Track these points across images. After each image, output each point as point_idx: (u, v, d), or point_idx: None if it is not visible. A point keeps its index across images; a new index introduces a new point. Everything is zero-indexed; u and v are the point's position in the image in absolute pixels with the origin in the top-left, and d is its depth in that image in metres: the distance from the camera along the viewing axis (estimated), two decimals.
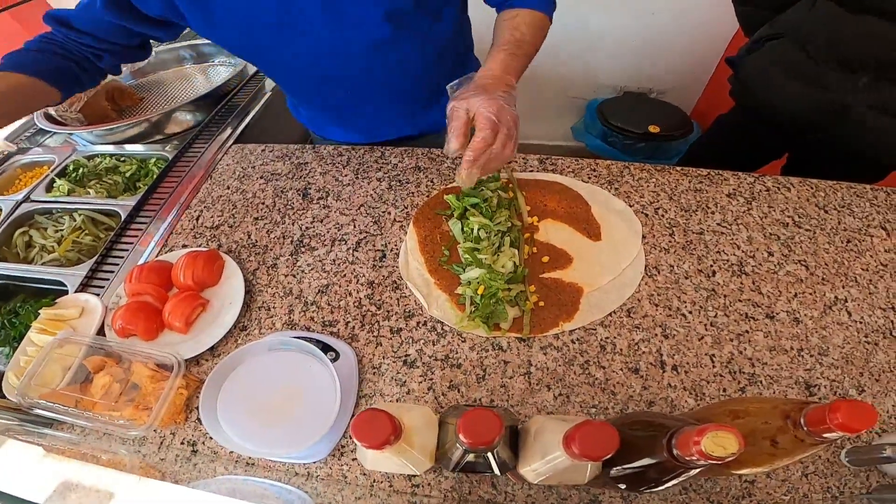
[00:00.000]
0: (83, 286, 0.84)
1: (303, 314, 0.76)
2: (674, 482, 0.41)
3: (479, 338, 0.72)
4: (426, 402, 0.66)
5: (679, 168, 0.95)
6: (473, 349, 0.71)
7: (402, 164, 0.99)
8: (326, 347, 0.69)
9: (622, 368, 0.68)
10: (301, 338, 0.68)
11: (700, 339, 0.70)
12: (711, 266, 0.79)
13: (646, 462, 0.41)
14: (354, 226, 0.89)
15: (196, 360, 0.72)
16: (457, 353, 0.71)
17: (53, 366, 0.66)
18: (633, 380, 0.67)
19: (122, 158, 1.16)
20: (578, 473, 0.45)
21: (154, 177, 1.07)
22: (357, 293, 0.78)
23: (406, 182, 0.96)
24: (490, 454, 0.43)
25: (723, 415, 0.48)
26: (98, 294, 0.81)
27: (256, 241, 0.88)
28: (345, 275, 0.81)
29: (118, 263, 0.88)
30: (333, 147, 1.05)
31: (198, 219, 0.93)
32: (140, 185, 1.11)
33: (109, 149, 1.18)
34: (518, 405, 0.65)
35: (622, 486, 0.47)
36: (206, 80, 1.47)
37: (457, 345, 0.71)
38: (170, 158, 1.10)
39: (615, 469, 0.44)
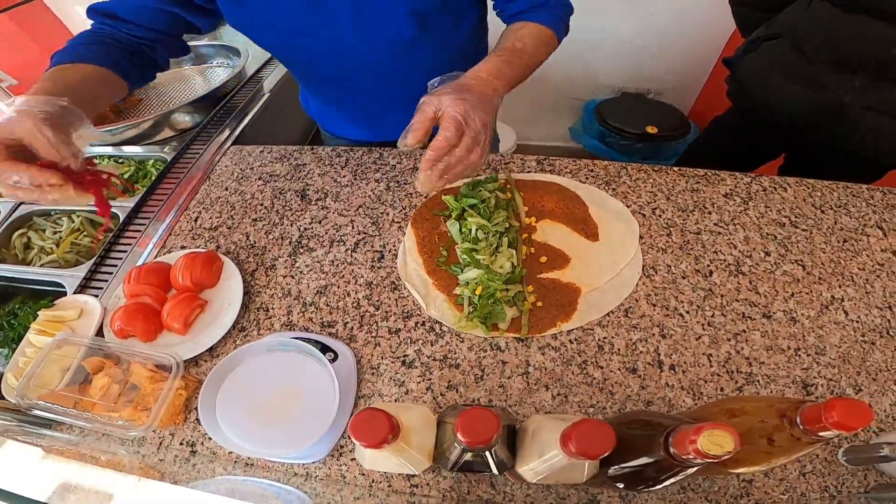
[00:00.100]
0: (82, 287, 0.84)
1: (301, 315, 0.76)
2: (671, 481, 0.41)
3: (478, 338, 0.72)
4: (425, 403, 0.66)
5: (676, 168, 0.95)
6: (472, 349, 0.71)
7: (401, 165, 1.00)
8: (325, 348, 0.69)
9: (620, 368, 0.68)
10: (300, 338, 0.69)
11: (697, 339, 0.71)
12: (708, 266, 0.79)
13: (643, 461, 0.41)
14: (353, 227, 0.89)
15: (195, 361, 0.72)
16: (455, 354, 0.71)
17: (52, 367, 0.66)
18: (631, 379, 0.67)
19: (121, 160, 1.16)
20: (576, 472, 0.45)
21: (152, 178, 1.07)
22: (355, 294, 0.79)
23: (404, 183, 0.96)
24: (488, 453, 0.43)
25: (719, 414, 0.48)
26: (97, 295, 0.82)
27: (255, 243, 0.88)
28: (343, 276, 0.81)
29: (117, 265, 0.88)
30: (332, 148, 1.06)
31: (196, 220, 0.93)
32: (138, 187, 1.11)
33: (108, 150, 1.18)
34: (516, 405, 0.66)
35: (620, 486, 0.47)
36: (205, 82, 1.47)
37: (455, 345, 0.72)
38: (168, 160, 1.10)
39: (613, 468, 0.45)
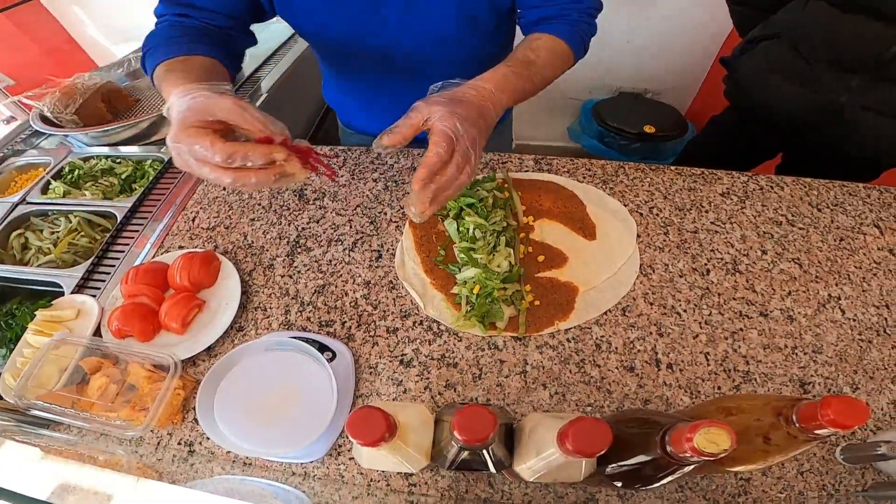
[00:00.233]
0: (79, 288, 0.84)
1: (299, 314, 0.76)
2: (669, 479, 0.42)
3: (475, 337, 0.72)
4: (423, 402, 0.66)
5: (673, 167, 0.96)
6: (469, 348, 0.71)
7: (399, 165, 1.00)
8: (323, 347, 0.69)
9: (618, 367, 0.68)
10: (298, 338, 0.68)
11: (695, 338, 0.71)
12: (706, 265, 0.79)
13: (640, 459, 0.41)
14: (351, 226, 0.89)
15: (193, 361, 0.72)
16: (453, 353, 0.71)
17: (50, 367, 0.66)
18: (629, 378, 0.67)
19: (118, 160, 1.16)
20: (573, 470, 0.45)
21: (150, 178, 1.07)
22: (353, 293, 0.79)
23: (402, 182, 0.96)
24: (485, 451, 0.43)
25: (716, 412, 0.48)
26: (94, 295, 0.81)
27: (253, 242, 0.88)
28: (341, 275, 0.81)
29: (114, 265, 0.88)
30: (329, 148, 1.06)
31: (194, 220, 0.93)
32: (136, 187, 1.10)
33: (105, 150, 1.17)
34: (514, 404, 0.66)
35: (618, 484, 0.47)
36: None
37: (453, 344, 0.72)
38: (166, 160, 1.10)
39: (611, 467, 0.45)
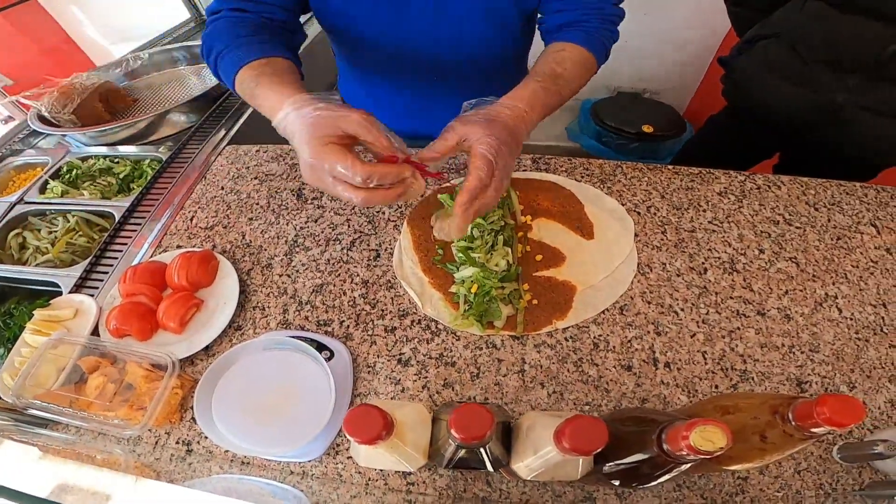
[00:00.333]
0: (77, 287, 0.84)
1: (297, 314, 0.76)
2: (666, 477, 0.42)
3: (473, 336, 0.72)
4: (421, 401, 0.66)
5: (671, 167, 0.96)
6: (467, 347, 0.71)
7: None
8: (321, 346, 0.69)
9: (615, 366, 0.68)
10: (296, 337, 0.68)
11: (692, 337, 0.71)
12: (703, 264, 0.80)
13: (637, 457, 0.41)
14: (349, 225, 0.89)
15: (191, 360, 0.72)
16: (451, 352, 0.71)
17: (48, 366, 0.66)
18: (626, 377, 0.67)
19: (116, 160, 1.16)
20: (571, 469, 0.45)
21: (148, 178, 1.07)
22: (351, 292, 0.79)
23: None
24: (483, 450, 0.43)
25: (713, 411, 0.48)
26: (92, 295, 0.81)
27: (251, 242, 0.88)
28: (339, 274, 0.81)
29: (112, 264, 0.88)
30: None
31: (192, 219, 0.93)
32: (134, 187, 1.11)
33: (103, 150, 1.17)
34: (512, 403, 0.66)
35: (615, 483, 0.47)
36: (200, 82, 1.47)
37: (451, 343, 0.72)
38: (164, 160, 1.10)
39: (608, 465, 0.45)
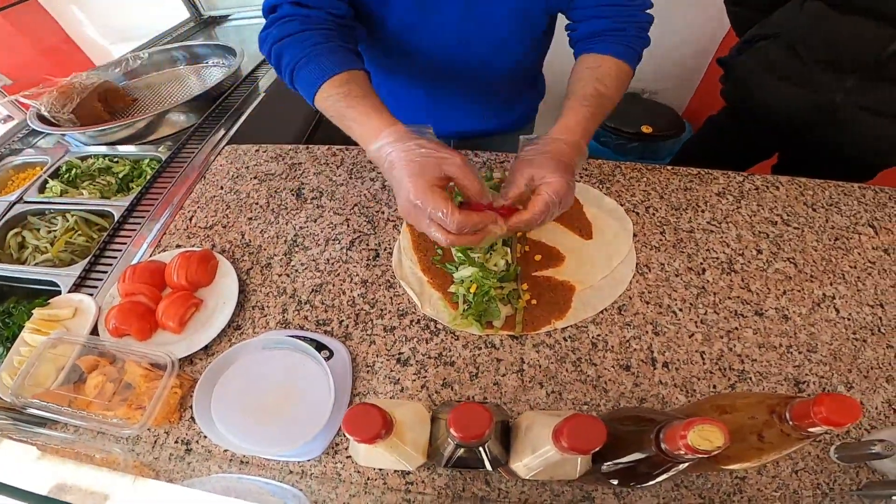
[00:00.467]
0: (76, 286, 0.84)
1: (297, 313, 0.77)
2: (664, 477, 0.42)
3: (472, 336, 0.72)
4: (420, 400, 0.66)
5: (669, 167, 0.96)
6: (466, 347, 0.71)
7: None
8: (320, 346, 0.69)
9: (614, 365, 0.69)
10: (295, 336, 0.69)
11: (690, 337, 0.71)
12: (701, 264, 0.80)
13: (635, 457, 0.41)
14: (348, 225, 0.89)
15: (190, 360, 0.72)
16: (450, 351, 0.71)
17: (47, 366, 0.66)
18: (625, 377, 0.68)
19: (115, 159, 1.16)
20: (569, 468, 0.45)
21: (147, 177, 1.07)
22: (351, 292, 0.79)
23: None
24: (481, 449, 0.43)
25: (710, 410, 0.48)
26: (91, 294, 0.81)
27: (250, 241, 0.88)
28: (338, 274, 0.81)
29: (111, 264, 0.88)
30: (327, 147, 1.06)
31: (191, 219, 0.93)
32: (133, 186, 1.11)
33: (102, 150, 1.17)
34: (511, 402, 0.66)
35: (614, 482, 0.47)
36: (200, 82, 1.47)
37: (450, 343, 0.72)
38: (163, 159, 1.10)
39: (606, 464, 0.45)
